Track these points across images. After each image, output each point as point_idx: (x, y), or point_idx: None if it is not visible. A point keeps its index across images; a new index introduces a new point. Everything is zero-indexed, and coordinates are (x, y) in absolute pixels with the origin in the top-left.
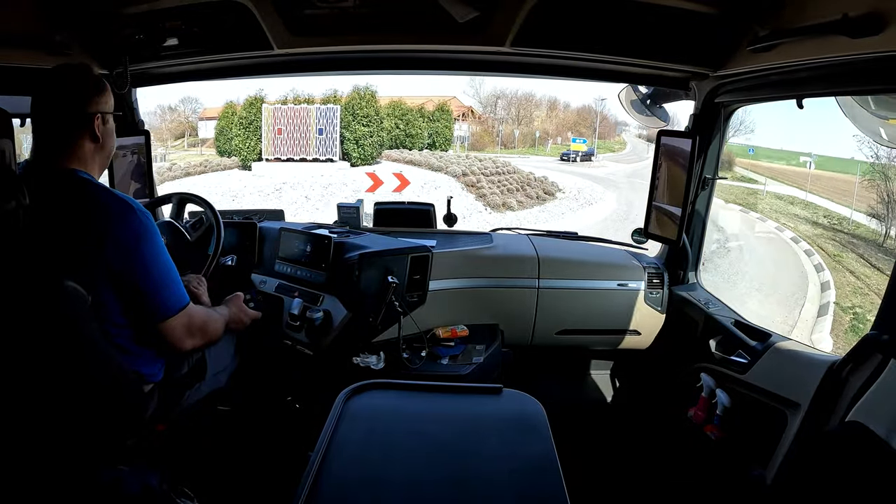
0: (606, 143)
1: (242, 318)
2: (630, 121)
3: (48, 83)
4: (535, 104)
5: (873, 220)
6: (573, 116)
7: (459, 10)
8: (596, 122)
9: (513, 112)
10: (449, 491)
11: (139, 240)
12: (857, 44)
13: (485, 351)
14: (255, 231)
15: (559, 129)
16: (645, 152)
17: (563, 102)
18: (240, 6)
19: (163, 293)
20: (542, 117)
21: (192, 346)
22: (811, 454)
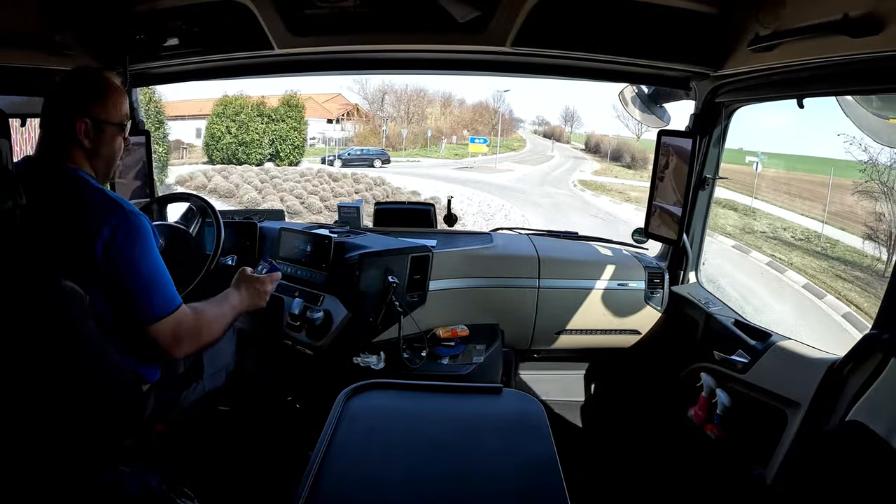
0: (505, 142)
1: (259, 287)
2: (525, 116)
3: (59, 87)
4: (428, 100)
5: (865, 241)
6: (469, 113)
7: (460, 10)
8: (497, 120)
9: (402, 109)
10: (449, 491)
11: (128, 240)
12: (858, 43)
13: (485, 351)
14: (256, 231)
15: (454, 127)
16: (549, 149)
17: (459, 98)
18: (240, 6)
19: (149, 297)
20: (437, 115)
21: (184, 353)
22: (811, 454)
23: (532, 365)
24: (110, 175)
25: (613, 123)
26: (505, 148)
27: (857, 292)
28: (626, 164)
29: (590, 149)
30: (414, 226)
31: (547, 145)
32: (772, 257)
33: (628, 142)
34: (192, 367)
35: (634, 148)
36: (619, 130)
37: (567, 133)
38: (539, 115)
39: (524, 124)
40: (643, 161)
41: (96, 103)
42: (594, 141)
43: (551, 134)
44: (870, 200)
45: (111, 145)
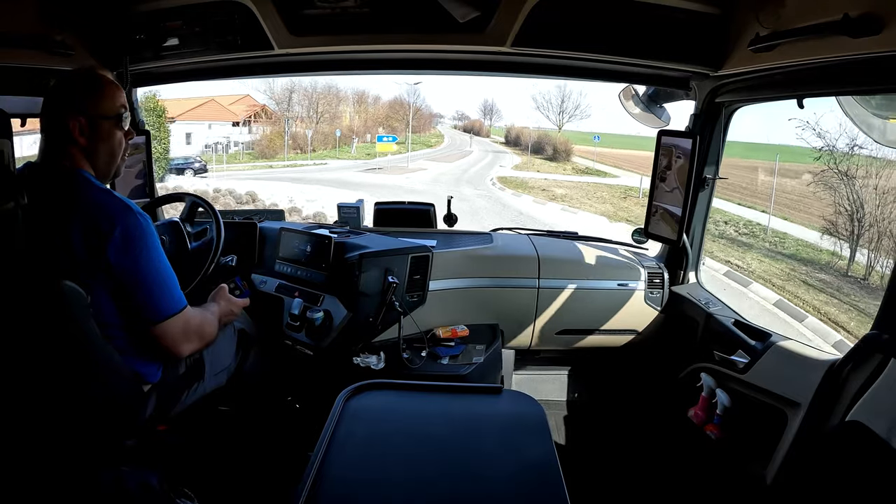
0: (422, 138)
1: (232, 308)
2: (445, 112)
3: (59, 87)
4: (341, 98)
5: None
6: (384, 110)
7: (460, 10)
8: (410, 115)
9: (311, 109)
10: (449, 491)
11: (134, 242)
12: (858, 43)
13: (485, 351)
14: (256, 231)
15: (368, 126)
16: (467, 144)
17: (374, 95)
18: (240, 6)
19: (157, 296)
20: (350, 113)
21: (190, 351)
22: (811, 454)
23: (532, 365)
24: (113, 172)
25: (533, 115)
26: (422, 145)
27: (836, 305)
28: (547, 157)
29: (510, 142)
30: (414, 226)
31: (466, 140)
32: (727, 264)
33: (549, 133)
34: (193, 367)
35: (556, 139)
36: (540, 122)
37: (487, 127)
38: (459, 110)
39: (444, 119)
40: (565, 153)
41: (87, 99)
42: (514, 134)
43: (471, 128)
44: (825, 189)
45: (109, 141)
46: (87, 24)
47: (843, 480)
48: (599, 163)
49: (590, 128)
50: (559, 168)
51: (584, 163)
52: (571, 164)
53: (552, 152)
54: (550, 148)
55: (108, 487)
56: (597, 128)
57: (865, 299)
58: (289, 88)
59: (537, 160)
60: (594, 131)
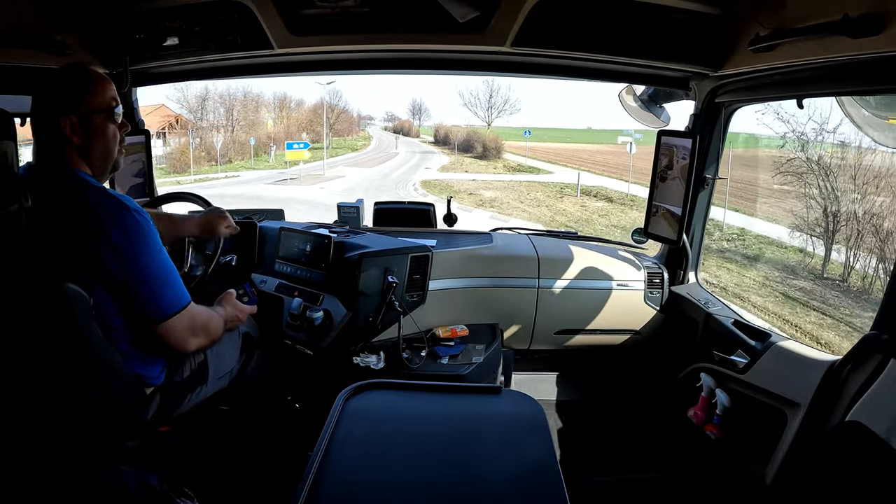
0: (347, 142)
1: (238, 315)
2: (375, 114)
3: (50, 85)
4: (262, 103)
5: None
6: (307, 114)
7: (460, 10)
8: (325, 117)
9: (229, 116)
10: (448, 491)
11: (135, 240)
12: (858, 44)
13: (484, 350)
14: (255, 230)
15: (290, 132)
16: (393, 146)
17: (297, 99)
18: (240, 6)
19: (160, 294)
20: (273, 118)
21: (197, 346)
22: (811, 454)
23: (531, 365)
24: (110, 167)
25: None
26: (347, 149)
27: (829, 326)
28: (477, 155)
29: (439, 141)
30: (414, 225)
31: (393, 141)
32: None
33: (479, 130)
34: (197, 370)
35: (485, 136)
36: (469, 119)
37: (416, 127)
38: (389, 111)
39: (374, 121)
40: (496, 150)
41: (77, 96)
42: (443, 133)
43: (400, 129)
44: (792, 177)
45: (103, 136)
46: (88, 23)
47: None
48: (532, 158)
49: (520, 122)
50: (489, 167)
51: (515, 159)
52: (503, 162)
53: (482, 150)
54: (480, 146)
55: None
56: (528, 122)
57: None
58: (201, 96)
59: (466, 159)
60: (525, 126)
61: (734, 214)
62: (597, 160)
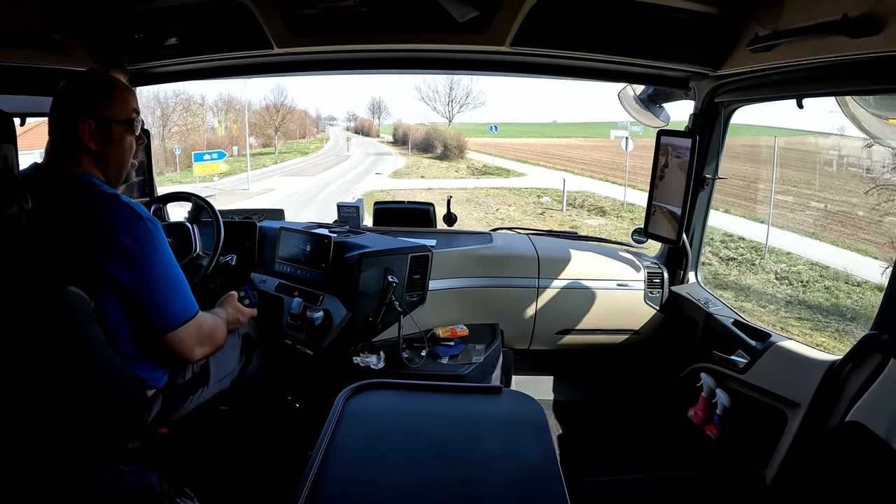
0: (299, 145)
1: (240, 318)
2: (338, 114)
3: (71, 89)
4: (207, 107)
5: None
6: (256, 117)
7: (459, 10)
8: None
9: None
10: (448, 491)
11: (147, 249)
12: (857, 44)
13: (484, 350)
14: (255, 230)
15: (234, 137)
16: (345, 149)
17: (246, 101)
18: (240, 5)
19: (170, 304)
20: (213, 124)
21: (202, 355)
22: (811, 454)
23: (531, 365)
24: (122, 178)
25: (420, 108)
26: (297, 153)
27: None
28: (437, 155)
29: (398, 140)
30: (413, 225)
31: (345, 144)
32: None
33: (440, 128)
34: (199, 374)
35: (447, 134)
36: (428, 115)
37: (376, 126)
38: (350, 111)
39: (337, 122)
40: (458, 149)
41: (100, 102)
42: (402, 131)
43: (360, 128)
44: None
45: (120, 146)
46: (87, 23)
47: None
48: (500, 157)
49: (485, 117)
50: (451, 168)
51: (481, 159)
52: (466, 163)
53: (442, 150)
54: (440, 144)
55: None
56: (493, 117)
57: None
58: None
59: (425, 160)
60: (490, 121)
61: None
62: (573, 157)
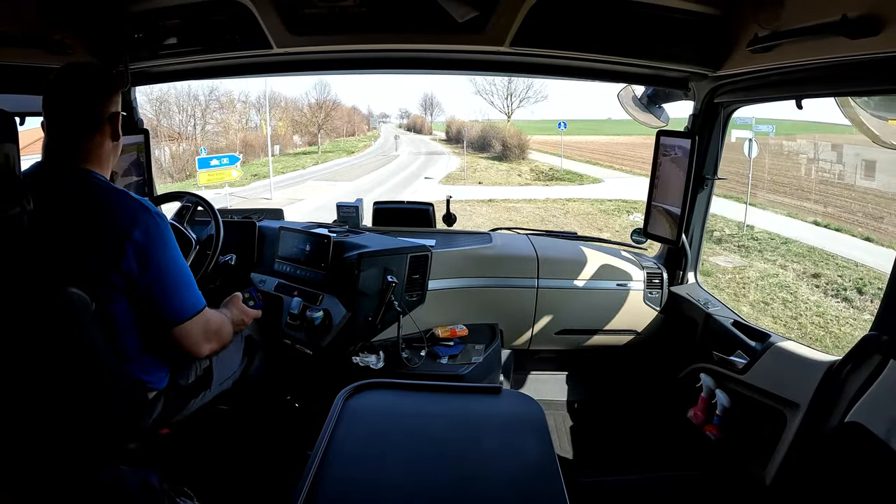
0: (346, 144)
1: (244, 318)
2: (390, 111)
3: (67, 83)
4: (249, 104)
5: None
6: (300, 114)
7: (459, 10)
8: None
9: (200, 119)
10: (448, 491)
11: (155, 241)
12: (856, 44)
13: (484, 350)
14: (255, 230)
15: (278, 135)
16: (393, 148)
17: (290, 98)
18: (239, 5)
19: (179, 296)
20: (257, 121)
21: (210, 351)
22: (811, 454)
23: (531, 365)
24: (109, 174)
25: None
26: (342, 152)
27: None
28: (495, 155)
29: (451, 138)
30: (413, 225)
31: (393, 144)
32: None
33: (497, 124)
34: (202, 376)
35: (505, 131)
36: (485, 111)
37: (428, 123)
38: (402, 108)
39: (389, 119)
40: (518, 148)
41: (117, 95)
42: (455, 128)
43: (413, 126)
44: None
45: (117, 140)
46: (87, 22)
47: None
48: (567, 158)
49: (548, 114)
50: (512, 172)
51: (546, 160)
52: (529, 164)
53: (501, 149)
54: (498, 143)
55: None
56: (558, 113)
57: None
58: (159, 98)
59: (482, 161)
60: (554, 118)
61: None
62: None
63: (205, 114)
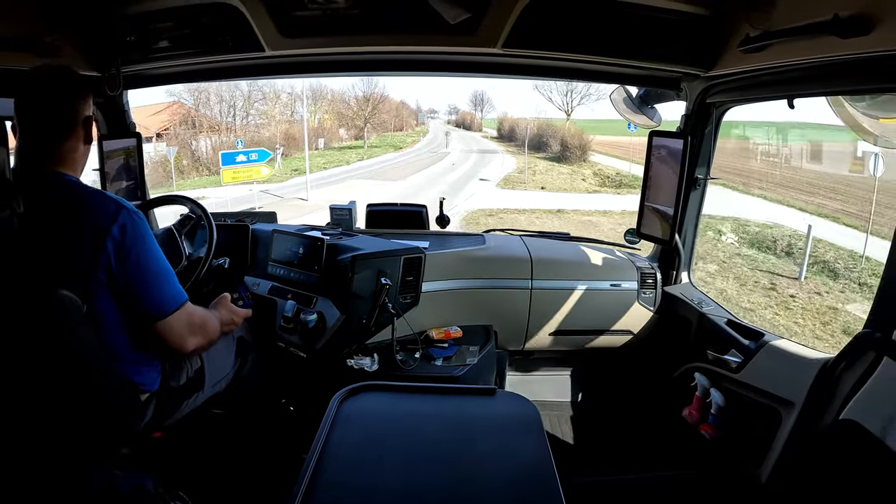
0: (392, 139)
1: (234, 318)
2: (439, 107)
3: (39, 86)
4: (295, 96)
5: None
6: (345, 107)
7: (451, 12)
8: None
9: (244, 110)
10: (444, 493)
11: (133, 237)
12: (848, 44)
13: (478, 352)
14: (248, 233)
15: (324, 128)
16: (444, 144)
17: (336, 90)
18: (230, 8)
19: (159, 290)
20: (303, 114)
21: (195, 346)
22: (806, 452)
23: (526, 366)
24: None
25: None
26: (389, 147)
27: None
28: (553, 156)
29: (503, 136)
30: (406, 227)
31: (443, 140)
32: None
33: (554, 123)
34: (194, 377)
35: (564, 131)
36: (543, 108)
37: (478, 120)
38: (451, 104)
39: (438, 115)
40: (579, 149)
41: (90, 97)
42: (507, 126)
43: (462, 122)
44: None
45: (89, 143)
46: (78, 25)
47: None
48: (629, 161)
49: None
50: (575, 176)
51: (610, 164)
52: (591, 167)
53: (559, 149)
54: (556, 143)
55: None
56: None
57: None
58: (198, 87)
59: (540, 162)
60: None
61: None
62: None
63: (247, 104)
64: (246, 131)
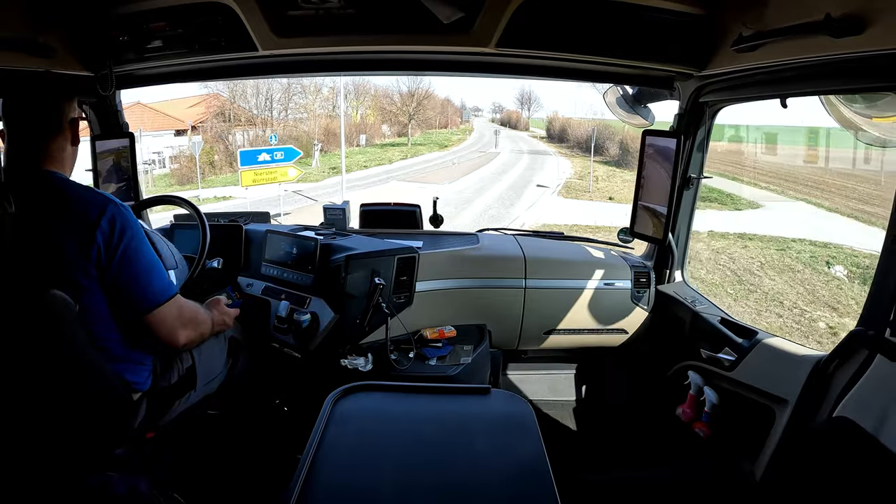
0: (437, 136)
1: (226, 319)
2: (483, 105)
3: (28, 89)
4: (333, 89)
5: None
6: (388, 102)
7: (444, 11)
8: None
9: (282, 104)
10: (439, 492)
11: (120, 229)
12: (840, 43)
13: (472, 351)
14: (241, 233)
15: (366, 125)
16: (493, 144)
17: (382, 86)
18: (224, 8)
19: (148, 282)
20: (344, 108)
21: (186, 339)
22: (800, 450)
23: (520, 365)
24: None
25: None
26: (434, 145)
27: None
28: (611, 160)
29: (553, 137)
30: (400, 227)
31: (492, 139)
32: None
33: (611, 124)
34: (186, 376)
35: (623, 132)
36: (597, 108)
37: (525, 119)
38: (495, 102)
39: (482, 113)
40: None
41: (72, 103)
42: (557, 126)
43: (507, 121)
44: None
45: (76, 144)
46: (71, 25)
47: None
48: (735, 179)
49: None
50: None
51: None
52: (625, 173)
53: (618, 152)
54: (614, 145)
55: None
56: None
57: None
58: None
59: (599, 167)
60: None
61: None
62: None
63: (286, 98)
64: (284, 126)
